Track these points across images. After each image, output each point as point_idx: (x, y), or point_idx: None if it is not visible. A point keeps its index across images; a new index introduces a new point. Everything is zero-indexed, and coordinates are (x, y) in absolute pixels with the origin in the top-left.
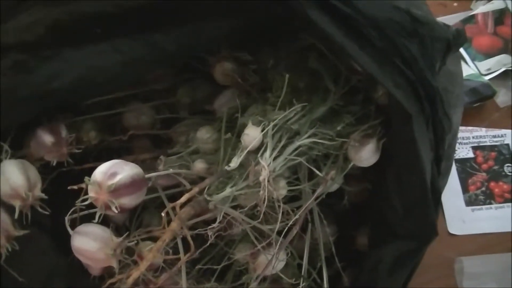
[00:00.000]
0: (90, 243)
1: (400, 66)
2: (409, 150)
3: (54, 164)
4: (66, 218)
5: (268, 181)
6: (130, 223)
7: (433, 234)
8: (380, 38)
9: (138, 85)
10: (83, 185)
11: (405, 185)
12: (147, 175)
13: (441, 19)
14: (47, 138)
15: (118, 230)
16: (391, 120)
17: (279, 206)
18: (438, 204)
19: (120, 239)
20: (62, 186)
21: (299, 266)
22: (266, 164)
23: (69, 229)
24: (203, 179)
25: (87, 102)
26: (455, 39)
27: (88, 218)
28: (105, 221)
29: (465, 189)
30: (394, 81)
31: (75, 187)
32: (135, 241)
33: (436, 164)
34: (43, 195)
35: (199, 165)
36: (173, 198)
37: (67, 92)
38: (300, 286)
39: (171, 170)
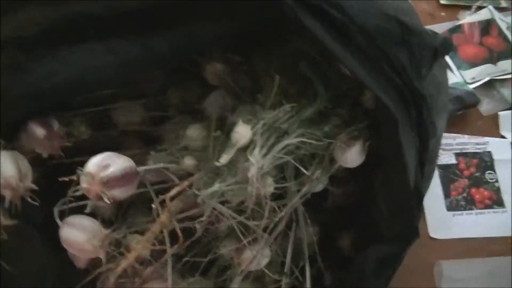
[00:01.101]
0: (78, 234)
1: (388, 72)
2: (395, 154)
3: (46, 156)
4: (55, 209)
5: (256, 177)
6: (117, 219)
7: (415, 236)
8: (369, 44)
9: (129, 84)
10: (74, 177)
11: (391, 188)
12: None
13: (429, 28)
14: (39, 131)
15: (105, 223)
16: (378, 124)
17: (266, 203)
18: (420, 206)
19: (108, 230)
20: (53, 180)
21: (283, 265)
22: (255, 161)
23: (58, 220)
24: (192, 175)
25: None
26: (442, 47)
27: (77, 212)
28: (92, 216)
29: (447, 194)
30: (382, 87)
31: (66, 178)
32: (123, 234)
33: (420, 168)
34: (34, 186)
35: (188, 162)
36: (161, 193)
37: (61, 92)
38: (283, 283)
39: (161, 164)
